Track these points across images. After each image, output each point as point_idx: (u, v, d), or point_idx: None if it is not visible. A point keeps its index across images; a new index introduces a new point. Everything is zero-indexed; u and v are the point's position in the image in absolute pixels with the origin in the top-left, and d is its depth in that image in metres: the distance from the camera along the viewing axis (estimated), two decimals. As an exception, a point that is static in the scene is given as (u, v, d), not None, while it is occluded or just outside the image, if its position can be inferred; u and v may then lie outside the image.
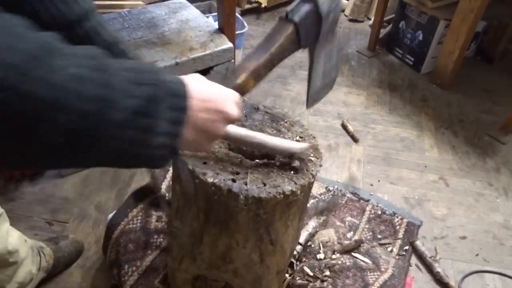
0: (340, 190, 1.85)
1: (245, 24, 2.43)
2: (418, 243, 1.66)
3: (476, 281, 1.60)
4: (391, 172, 2.02)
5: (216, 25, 2.13)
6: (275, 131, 1.05)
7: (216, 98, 0.59)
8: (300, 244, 1.49)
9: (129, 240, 1.45)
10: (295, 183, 0.91)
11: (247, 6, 3.14)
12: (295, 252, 1.46)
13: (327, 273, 1.44)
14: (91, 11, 0.79)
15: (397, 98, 2.49)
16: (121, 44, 0.84)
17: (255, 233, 0.95)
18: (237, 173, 0.91)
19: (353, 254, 1.54)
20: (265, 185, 0.89)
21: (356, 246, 1.56)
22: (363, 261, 1.52)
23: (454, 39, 2.40)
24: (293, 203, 0.94)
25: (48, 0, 0.74)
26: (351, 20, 3.26)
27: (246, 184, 0.88)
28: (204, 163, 0.91)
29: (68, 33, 0.77)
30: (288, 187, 0.89)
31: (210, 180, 0.87)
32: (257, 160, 0.96)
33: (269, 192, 0.87)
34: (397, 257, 1.61)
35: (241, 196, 0.86)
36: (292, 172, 0.94)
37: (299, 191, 0.90)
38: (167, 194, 1.57)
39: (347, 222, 1.73)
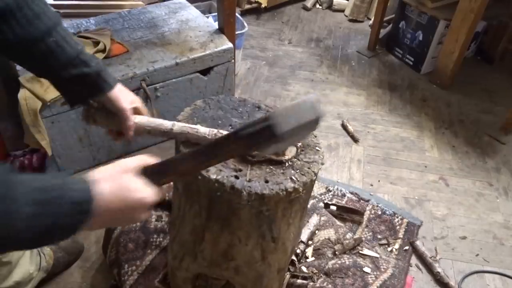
0: (340, 190, 1.85)
1: (245, 24, 2.43)
2: (418, 243, 1.66)
3: (476, 281, 1.60)
4: (391, 172, 2.02)
5: (216, 25, 2.13)
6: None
7: (123, 211, 0.65)
8: (303, 242, 1.49)
9: (129, 239, 1.45)
10: (297, 181, 0.91)
11: (247, 6, 3.14)
12: (298, 251, 1.45)
13: (327, 272, 1.43)
14: (54, 26, 0.82)
15: (397, 98, 2.49)
16: (83, 54, 0.87)
17: (257, 230, 0.95)
18: (240, 170, 0.91)
19: (360, 252, 1.54)
20: (267, 182, 0.89)
21: (356, 245, 1.56)
22: (368, 255, 1.52)
23: (454, 39, 2.40)
24: (295, 201, 0.94)
25: (13, 21, 0.77)
26: (351, 20, 3.26)
27: (249, 181, 0.88)
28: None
29: (31, 49, 0.81)
30: (290, 184, 0.89)
31: (213, 176, 0.88)
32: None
33: (272, 189, 0.88)
34: (397, 257, 1.61)
35: (244, 193, 0.86)
36: (293, 170, 0.94)
37: (301, 189, 0.90)
38: (167, 194, 1.56)
39: (347, 222, 1.73)
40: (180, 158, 0.73)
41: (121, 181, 0.65)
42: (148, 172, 0.70)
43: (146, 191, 0.68)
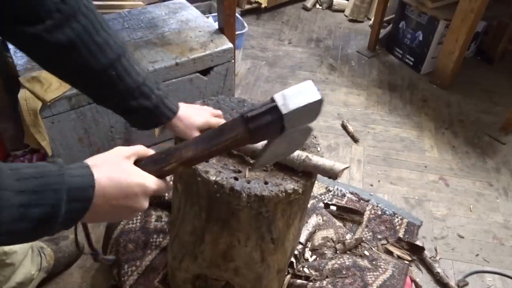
0: (340, 191, 1.85)
1: (245, 24, 2.43)
2: (418, 243, 1.66)
3: (476, 281, 1.60)
4: (391, 172, 2.02)
5: (216, 25, 2.13)
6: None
7: (123, 197, 0.62)
8: (301, 243, 1.49)
9: (128, 240, 1.45)
10: (297, 182, 0.91)
11: (247, 6, 3.14)
12: (296, 252, 1.45)
13: (327, 273, 1.43)
14: (117, 58, 0.81)
15: (397, 98, 2.49)
16: (144, 86, 0.86)
17: (257, 232, 0.95)
18: (239, 171, 0.91)
19: (360, 252, 1.55)
20: (267, 183, 0.89)
21: (357, 244, 1.56)
22: (365, 254, 1.52)
23: (454, 39, 2.40)
24: (295, 202, 0.94)
25: (76, 54, 0.77)
26: (351, 21, 3.26)
27: (248, 182, 0.88)
28: (206, 161, 0.92)
29: (93, 80, 0.82)
30: (290, 185, 0.89)
31: (212, 178, 0.88)
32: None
33: (271, 190, 0.88)
34: (397, 257, 1.61)
35: (244, 194, 0.86)
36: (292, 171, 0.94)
37: (301, 190, 0.90)
38: (166, 194, 1.57)
39: (347, 222, 1.73)
40: (180, 146, 0.70)
41: (120, 165, 0.64)
42: (147, 162, 0.67)
43: (145, 176, 0.66)
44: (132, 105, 0.87)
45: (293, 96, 0.66)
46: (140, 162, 0.68)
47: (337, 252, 1.51)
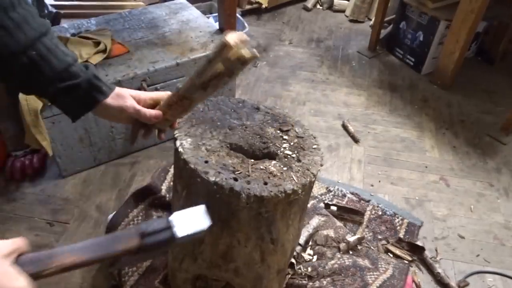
0: (341, 191, 1.85)
1: (246, 24, 2.43)
2: (418, 243, 1.66)
3: (477, 281, 1.60)
4: (391, 172, 2.02)
5: (216, 25, 2.13)
6: (277, 131, 1.05)
7: None
8: (300, 244, 1.49)
9: (129, 240, 1.45)
10: (296, 182, 0.91)
11: (248, 6, 3.14)
12: (294, 253, 1.45)
13: (327, 272, 1.43)
14: (38, 37, 0.74)
15: (397, 98, 2.49)
16: (73, 67, 0.79)
17: (257, 232, 0.95)
18: (239, 172, 0.92)
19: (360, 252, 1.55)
20: (266, 184, 0.89)
21: (359, 243, 1.56)
22: (366, 254, 1.52)
23: (455, 39, 2.40)
24: (294, 202, 0.94)
25: None
26: (351, 21, 3.26)
27: (248, 183, 0.88)
28: (206, 162, 0.92)
29: (11, 63, 0.74)
30: (289, 186, 0.90)
31: (212, 179, 0.88)
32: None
33: (271, 191, 0.88)
34: (397, 258, 1.61)
35: (243, 195, 0.86)
36: (292, 172, 0.94)
37: (300, 190, 0.90)
38: (167, 195, 1.57)
39: (347, 223, 1.73)
40: (64, 250, 0.66)
41: None
42: (26, 262, 0.62)
43: (20, 281, 0.58)
44: (60, 88, 0.78)
45: (187, 222, 0.74)
46: (19, 259, 0.62)
47: (340, 251, 1.51)
